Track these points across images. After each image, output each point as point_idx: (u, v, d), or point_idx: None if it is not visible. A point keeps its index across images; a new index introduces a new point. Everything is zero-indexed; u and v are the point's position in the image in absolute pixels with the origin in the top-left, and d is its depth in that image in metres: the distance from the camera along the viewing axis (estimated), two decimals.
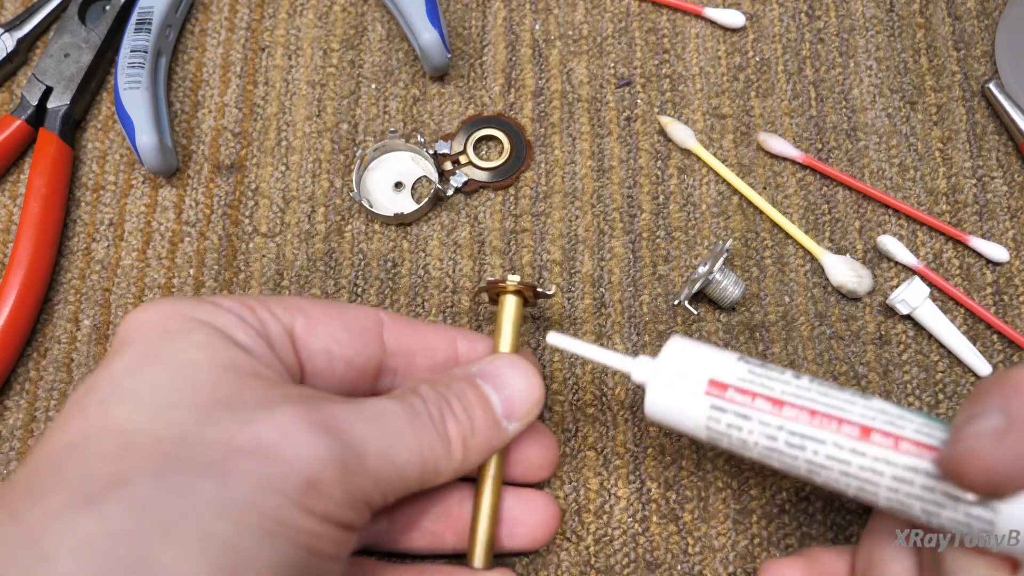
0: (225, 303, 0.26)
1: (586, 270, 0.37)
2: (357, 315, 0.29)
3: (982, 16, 0.41)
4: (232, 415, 0.22)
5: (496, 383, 0.28)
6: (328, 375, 0.28)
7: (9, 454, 0.35)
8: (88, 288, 0.37)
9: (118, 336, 0.25)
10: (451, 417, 0.26)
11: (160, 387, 0.23)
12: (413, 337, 0.30)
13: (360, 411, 0.24)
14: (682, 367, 0.27)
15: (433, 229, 0.38)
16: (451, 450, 0.26)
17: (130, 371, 0.23)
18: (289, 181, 0.39)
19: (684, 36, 0.41)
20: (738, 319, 0.36)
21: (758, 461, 0.27)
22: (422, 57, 0.39)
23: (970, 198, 0.38)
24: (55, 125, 0.38)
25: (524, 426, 0.28)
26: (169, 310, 0.25)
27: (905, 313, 0.35)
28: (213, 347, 0.24)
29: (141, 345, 0.24)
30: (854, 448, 0.24)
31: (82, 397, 0.23)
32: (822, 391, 0.26)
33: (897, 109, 0.39)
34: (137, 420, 0.22)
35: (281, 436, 0.22)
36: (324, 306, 0.28)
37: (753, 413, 0.25)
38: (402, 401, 0.26)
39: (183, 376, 0.23)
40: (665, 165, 0.39)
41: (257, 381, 0.24)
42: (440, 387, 0.27)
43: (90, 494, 0.20)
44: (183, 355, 0.24)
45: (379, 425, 0.24)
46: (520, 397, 0.28)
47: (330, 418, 0.23)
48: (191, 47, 0.41)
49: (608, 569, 0.33)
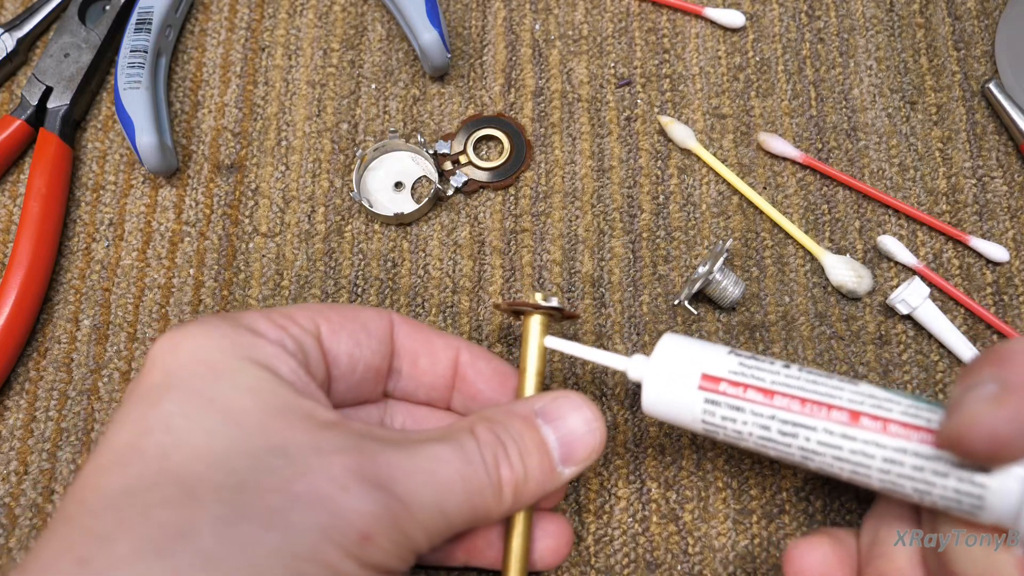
0: (261, 326, 0.26)
1: (586, 270, 0.37)
2: (372, 316, 0.29)
3: (982, 16, 0.41)
4: (289, 463, 0.23)
5: (556, 424, 0.27)
6: (349, 377, 0.28)
7: (9, 454, 0.35)
8: (88, 288, 0.37)
9: (157, 366, 0.25)
10: (506, 463, 0.26)
11: (216, 435, 0.23)
12: (419, 340, 0.30)
13: (413, 459, 0.24)
14: (675, 363, 0.27)
15: (433, 229, 0.38)
16: (502, 497, 0.26)
17: (184, 415, 0.23)
18: (289, 181, 0.39)
19: (684, 36, 0.41)
20: (738, 319, 0.36)
21: (754, 451, 0.27)
22: (422, 57, 0.39)
23: (970, 198, 0.38)
24: (55, 125, 0.38)
25: (581, 471, 0.28)
26: (212, 345, 0.25)
27: (905, 313, 0.35)
28: (262, 392, 0.24)
29: (190, 387, 0.24)
30: (844, 433, 0.25)
31: (136, 439, 0.23)
32: (811, 379, 0.26)
33: (897, 109, 0.39)
34: (196, 469, 0.22)
35: (340, 489, 0.22)
36: (341, 309, 0.28)
37: (745, 404, 0.26)
38: (456, 446, 0.25)
39: (237, 423, 0.23)
40: (665, 165, 0.39)
41: (308, 423, 0.24)
42: (498, 428, 0.26)
43: (159, 543, 0.21)
44: (235, 401, 0.23)
45: (432, 476, 0.24)
46: (580, 443, 0.27)
47: (384, 469, 0.23)
48: (191, 47, 0.41)
49: (608, 569, 0.33)
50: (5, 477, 0.35)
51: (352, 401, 0.29)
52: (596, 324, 0.36)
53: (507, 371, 0.31)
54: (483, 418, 0.27)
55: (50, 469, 0.35)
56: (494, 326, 0.36)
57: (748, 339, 0.36)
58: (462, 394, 0.30)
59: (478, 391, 0.30)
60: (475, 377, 0.30)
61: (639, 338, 0.36)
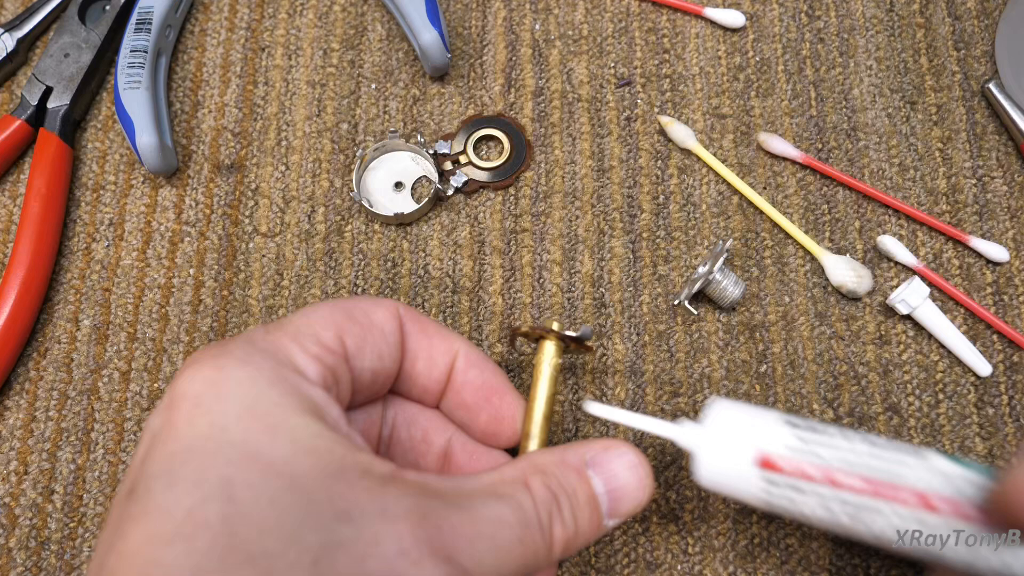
0: (300, 360, 0.24)
1: (586, 270, 0.37)
2: (386, 317, 0.28)
3: (982, 16, 0.41)
4: (357, 533, 0.22)
5: (607, 475, 0.27)
6: (368, 389, 0.28)
7: (9, 454, 0.35)
8: (88, 288, 0.37)
9: (202, 414, 0.22)
10: (559, 522, 0.26)
11: (283, 505, 0.21)
12: (421, 341, 0.29)
13: (475, 523, 0.24)
14: (728, 437, 0.26)
15: (433, 229, 0.38)
16: (552, 554, 0.26)
17: (246, 484, 0.21)
18: (289, 181, 0.39)
19: (684, 36, 0.41)
20: (738, 319, 0.36)
21: (825, 530, 0.26)
22: (422, 57, 0.39)
23: (970, 198, 0.38)
24: (55, 125, 0.38)
25: (622, 523, 0.28)
26: (259, 392, 0.23)
27: (905, 313, 0.35)
28: (320, 451, 0.23)
29: (245, 447, 0.22)
30: (918, 518, 0.24)
31: (198, 507, 0.21)
32: (875, 452, 0.25)
33: (897, 109, 0.39)
34: (267, 546, 0.21)
35: (412, 565, 0.22)
36: (354, 312, 0.27)
37: (806, 485, 0.25)
38: (514, 506, 0.25)
39: (301, 489, 0.22)
40: (665, 165, 0.39)
41: (368, 482, 0.23)
42: (551, 483, 0.26)
43: None
44: (295, 465, 0.22)
45: (493, 542, 0.24)
46: (628, 497, 0.27)
47: (449, 537, 0.23)
48: (191, 47, 0.41)
49: (608, 569, 0.33)
50: (5, 477, 0.35)
51: (359, 404, 0.29)
52: (596, 324, 0.36)
53: (496, 385, 0.30)
54: (536, 468, 0.26)
55: (50, 469, 0.35)
56: (494, 326, 0.36)
57: (748, 339, 0.36)
58: (451, 399, 0.30)
59: (464, 400, 0.30)
60: (464, 386, 0.30)
61: (639, 338, 0.36)
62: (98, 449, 0.35)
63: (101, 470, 0.35)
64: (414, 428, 0.30)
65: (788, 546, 0.33)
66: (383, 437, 0.30)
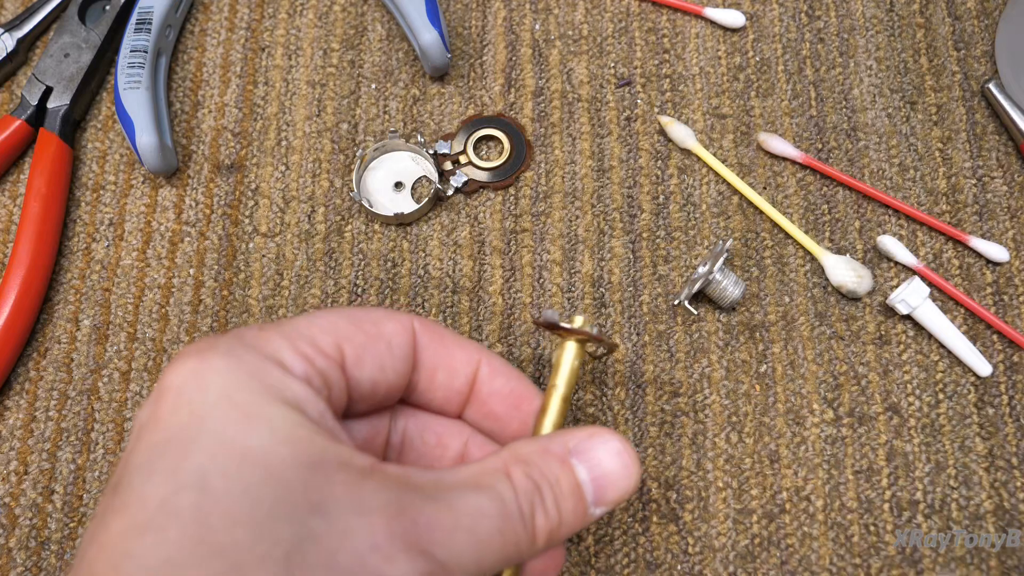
0: (287, 357, 0.24)
1: (586, 270, 0.37)
2: (396, 330, 0.27)
3: (982, 16, 0.41)
4: (330, 526, 0.22)
5: (591, 463, 0.26)
6: (368, 400, 0.27)
7: (9, 454, 0.35)
8: (88, 288, 0.37)
9: (184, 404, 0.23)
10: (541, 512, 0.25)
11: (256, 495, 0.21)
12: (439, 353, 0.29)
13: (454, 516, 0.24)
14: None
15: (433, 229, 0.38)
16: (535, 545, 0.25)
17: (220, 473, 0.21)
18: (289, 181, 0.39)
19: (684, 36, 0.41)
20: (738, 319, 0.36)
21: None
22: (422, 57, 0.39)
23: (970, 198, 0.38)
24: (55, 125, 0.38)
25: (611, 510, 0.27)
26: (240, 383, 0.23)
27: (905, 313, 0.35)
28: (298, 440, 0.23)
29: (222, 435, 0.22)
30: None
31: (171, 496, 0.21)
32: None
33: (897, 109, 0.39)
34: (238, 537, 0.21)
35: (384, 560, 0.22)
36: (362, 323, 0.27)
37: None
38: (494, 497, 0.25)
39: (275, 479, 0.22)
40: (665, 165, 0.39)
41: (346, 474, 0.23)
42: (533, 472, 0.26)
43: None
44: (271, 454, 0.22)
45: (472, 535, 0.24)
46: (614, 484, 0.26)
47: (425, 531, 0.23)
48: (191, 47, 0.41)
49: (608, 569, 0.33)
50: (5, 477, 0.35)
51: (363, 413, 0.28)
52: (596, 324, 0.36)
53: (524, 392, 0.30)
54: (518, 459, 0.26)
55: (50, 469, 0.35)
56: (494, 326, 0.36)
57: (748, 339, 0.36)
58: (476, 410, 0.30)
59: (492, 410, 0.29)
60: (491, 396, 0.29)
61: (639, 338, 0.36)
62: (98, 449, 0.35)
63: (101, 470, 0.35)
64: (428, 434, 0.30)
65: (788, 546, 0.33)
66: (392, 444, 0.29)
